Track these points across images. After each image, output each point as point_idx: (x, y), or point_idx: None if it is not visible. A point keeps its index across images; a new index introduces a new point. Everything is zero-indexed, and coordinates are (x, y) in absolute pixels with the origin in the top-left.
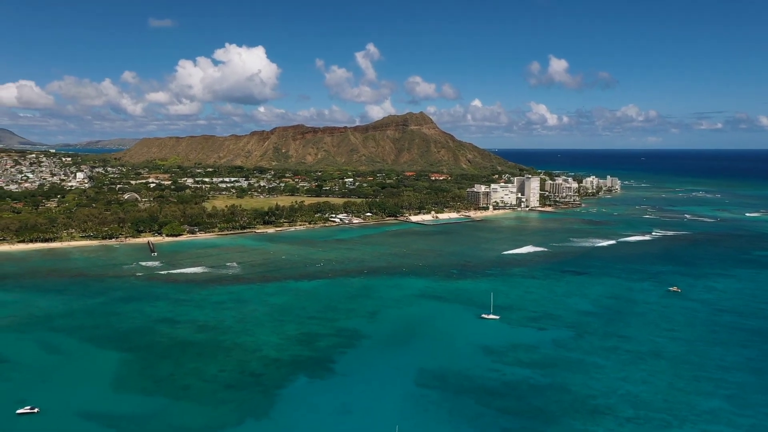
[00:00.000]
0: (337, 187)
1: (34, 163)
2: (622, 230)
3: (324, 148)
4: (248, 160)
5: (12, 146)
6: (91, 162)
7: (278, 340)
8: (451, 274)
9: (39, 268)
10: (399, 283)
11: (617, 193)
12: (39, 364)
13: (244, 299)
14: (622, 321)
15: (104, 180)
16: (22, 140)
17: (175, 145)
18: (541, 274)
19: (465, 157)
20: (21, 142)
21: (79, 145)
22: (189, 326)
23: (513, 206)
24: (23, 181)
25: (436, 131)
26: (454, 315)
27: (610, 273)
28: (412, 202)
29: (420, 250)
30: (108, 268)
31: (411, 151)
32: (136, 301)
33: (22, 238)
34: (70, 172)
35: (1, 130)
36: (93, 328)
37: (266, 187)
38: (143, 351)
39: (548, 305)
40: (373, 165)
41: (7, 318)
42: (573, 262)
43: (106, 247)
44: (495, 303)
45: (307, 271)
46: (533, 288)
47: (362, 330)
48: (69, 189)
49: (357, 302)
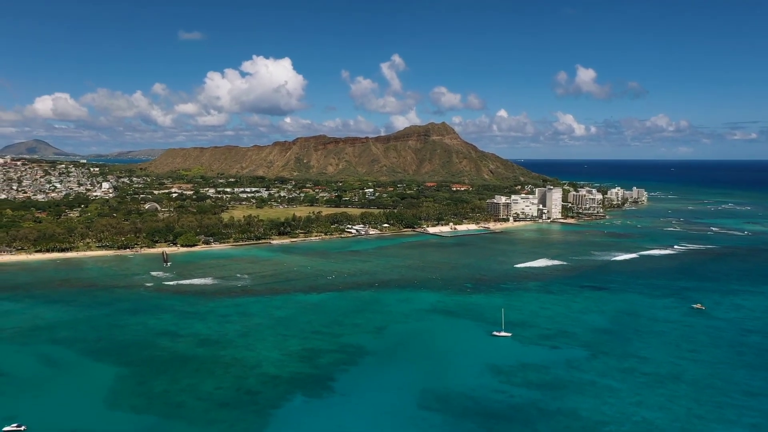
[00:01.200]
0: (356, 198)
1: (63, 173)
2: (645, 243)
3: (345, 158)
4: (270, 170)
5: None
6: (117, 172)
7: (279, 356)
8: (464, 288)
9: (51, 278)
10: (410, 297)
11: (643, 204)
12: (34, 378)
13: (249, 312)
14: (640, 340)
15: (128, 190)
16: (56, 151)
17: (199, 156)
18: (558, 288)
19: (487, 167)
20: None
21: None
22: (190, 340)
23: (534, 218)
24: (50, 191)
25: (458, 141)
26: (464, 332)
27: (630, 288)
28: (431, 213)
29: (435, 263)
30: (119, 279)
31: (432, 162)
32: (141, 313)
33: (40, 247)
34: (97, 182)
35: (37, 141)
36: (94, 340)
37: (286, 198)
38: (141, 366)
39: (563, 322)
40: (394, 175)
41: (11, 329)
42: (592, 276)
43: (120, 258)
44: (508, 319)
45: (317, 283)
46: (549, 304)
47: (367, 346)
48: (93, 199)
49: (364, 317)
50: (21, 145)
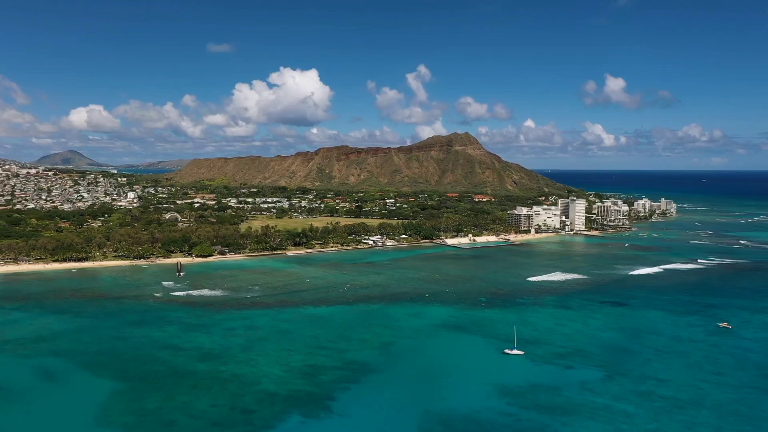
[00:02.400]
0: (377, 208)
1: (92, 183)
2: (672, 257)
3: (367, 168)
4: (292, 180)
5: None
6: (143, 182)
7: (280, 372)
8: (478, 303)
9: (64, 288)
10: (421, 312)
11: (672, 216)
12: (28, 392)
13: (256, 325)
14: (661, 361)
15: (152, 200)
16: (90, 161)
17: (223, 166)
18: (577, 304)
19: (511, 178)
20: (89, 163)
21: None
22: (192, 354)
23: (556, 229)
24: (78, 200)
25: (481, 152)
26: (475, 349)
27: (653, 305)
28: (450, 225)
29: (450, 276)
30: (130, 289)
31: (455, 172)
32: (146, 325)
33: (57, 257)
34: (123, 192)
35: (71, 152)
36: (95, 353)
37: (306, 208)
38: (137, 381)
39: (580, 340)
40: (415, 186)
41: (15, 340)
42: (614, 291)
43: (134, 268)
44: (521, 336)
45: (328, 295)
46: (566, 320)
47: (371, 363)
48: (117, 209)
49: (372, 331)
50: (56, 156)
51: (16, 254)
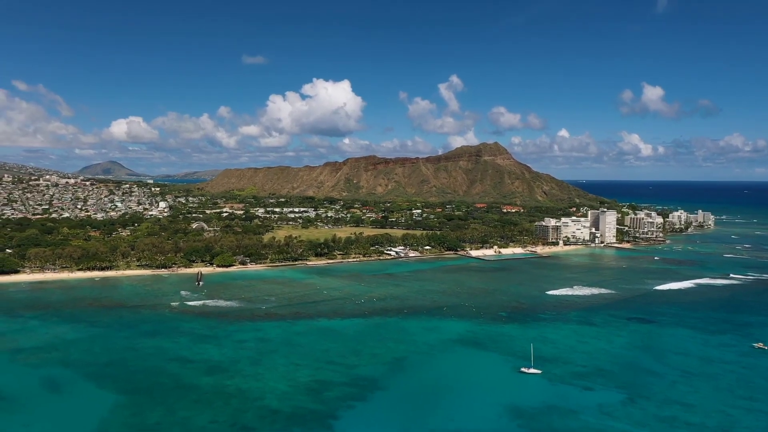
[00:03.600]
0: (403, 219)
1: (126, 192)
2: (705, 271)
3: (395, 179)
4: (320, 190)
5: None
6: (176, 192)
7: (286, 388)
8: (498, 317)
9: (84, 297)
10: (438, 326)
11: (709, 229)
12: (31, 403)
13: (267, 338)
14: (688, 384)
15: (182, 209)
16: (129, 172)
17: (252, 176)
18: (602, 320)
19: (541, 188)
20: (128, 173)
21: (178, 175)
22: (200, 367)
23: (586, 242)
24: (111, 210)
25: (510, 162)
26: (490, 367)
27: (684, 322)
28: (475, 236)
29: (471, 289)
30: (148, 299)
31: (483, 183)
32: (159, 336)
33: (82, 266)
34: (155, 201)
35: (112, 162)
36: (104, 365)
37: (332, 218)
38: (141, 394)
39: (602, 359)
40: (443, 196)
41: (29, 350)
42: (642, 307)
43: (155, 277)
44: (540, 353)
45: (344, 308)
46: (589, 337)
47: (381, 380)
48: (147, 218)
49: (385, 346)
50: (98, 167)
51: (42, 263)
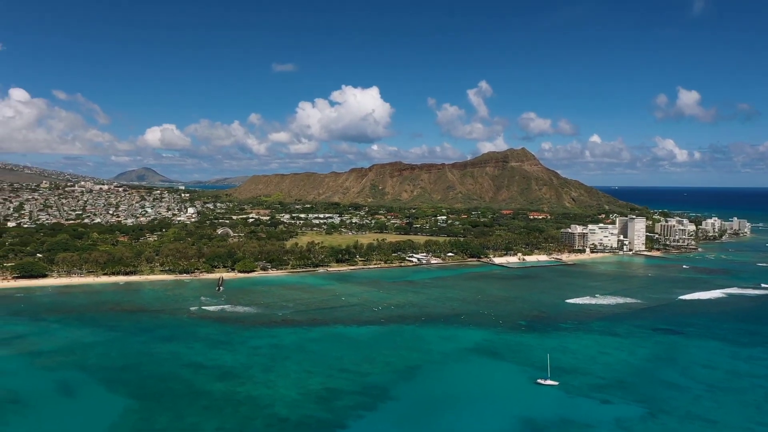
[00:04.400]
0: (428, 225)
1: (157, 198)
2: (738, 281)
3: (420, 185)
4: (345, 196)
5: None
6: (204, 198)
7: (296, 395)
8: (517, 326)
9: (106, 302)
10: (454, 334)
11: (745, 237)
12: (43, 407)
13: (282, 344)
14: (713, 398)
15: (210, 215)
16: (162, 178)
17: (279, 182)
18: (625, 331)
19: (569, 195)
20: (161, 179)
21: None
22: (213, 373)
23: (613, 249)
24: (141, 215)
25: (538, 168)
26: (505, 377)
27: (713, 334)
28: (499, 243)
29: (491, 296)
30: (168, 304)
31: (510, 189)
32: (175, 341)
33: (107, 270)
34: (184, 207)
35: (146, 169)
36: (119, 369)
37: (356, 224)
38: (152, 399)
39: (623, 371)
40: (469, 202)
41: (47, 353)
42: (669, 318)
43: (178, 282)
44: (559, 364)
45: (361, 315)
46: (610, 348)
47: (392, 389)
48: (175, 223)
49: (399, 354)
50: (132, 173)
51: (69, 267)
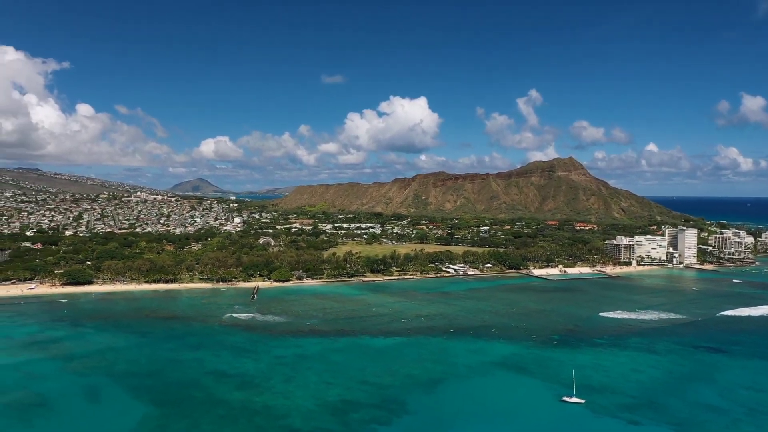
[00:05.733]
0: (469, 236)
1: (207, 208)
2: None
3: (464, 195)
4: (388, 206)
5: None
6: (251, 208)
7: (312, 406)
8: (549, 341)
9: (143, 308)
10: (483, 348)
11: None
12: (68, 413)
13: (306, 354)
14: (753, 423)
15: (255, 225)
16: (215, 189)
17: (324, 192)
18: (665, 348)
19: (618, 205)
20: (215, 190)
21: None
22: (234, 381)
23: (662, 262)
24: (189, 224)
25: (586, 177)
26: (530, 393)
27: (759, 353)
28: (540, 254)
29: (526, 309)
30: (201, 312)
31: (556, 199)
32: (203, 349)
33: (148, 278)
34: (231, 217)
35: (200, 180)
36: (145, 375)
37: (397, 234)
38: (172, 407)
39: (657, 390)
40: (513, 213)
41: (80, 358)
42: (714, 335)
43: (214, 291)
44: (589, 381)
45: (390, 326)
46: (646, 365)
47: (411, 403)
48: (221, 233)
49: (423, 367)
50: (188, 184)
51: (113, 274)
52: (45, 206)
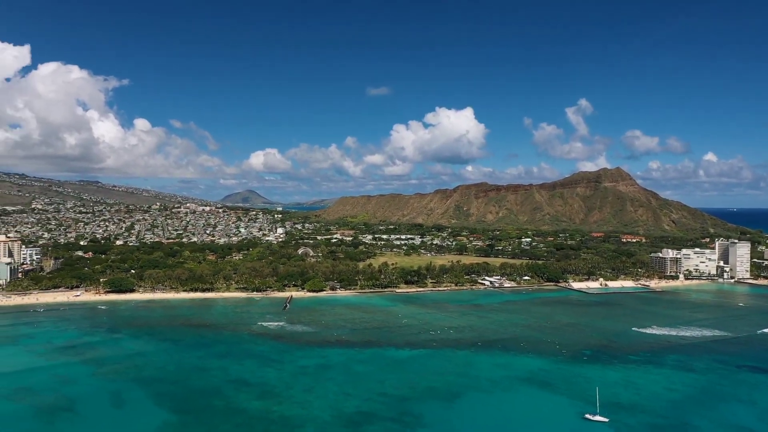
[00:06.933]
0: (510, 247)
1: (252, 219)
2: None
3: (506, 206)
4: (429, 218)
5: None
6: (295, 219)
7: (328, 418)
8: (579, 356)
9: (178, 317)
10: (509, 362)
11: None
12: (92, 418)
13: (329, 365)
14: None
15: (297, 235)
16: (264, 200)
17: (365, 203)
18: (704, 366)
19: (668, 217)
20: (264, 201)
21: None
22: (254, 391)
23: (712, 276)
24: (234, 235)
25: (634, 188)
26: (551, 410)
27: None
28: (580, 267)
29: (560, 323)
30: (233, 321)
31: (603, 210)
32: (229, 358)
33: (187, 287)
34: (275, 227)
35: (250, 191)
36: (171, 383)
37: (436, 245)
38: (191, 414)
39: (690, 411)
40: (557, 224)
41: (112, 364)
42: (759, 354)
43: (248, 300)
44: (617, 399)
45: (417, 338)
46: (681, 384)
47: (427, 416)
48: (263, 243)
49: (444, 380)
50: (237, 195)
51: (154, 283)
52: (100, 217)
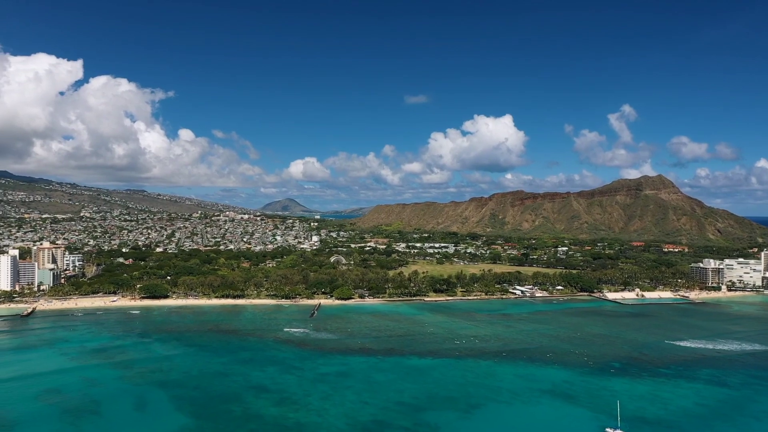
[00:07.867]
0: (545, 256)
1: (288, 227)
2: None
3: (543, 214)
4: (464, 226)
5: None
6: (330, 227)
7: (343, 426)
8: (607, 368)
9: (207, 322)
10: (533, 373)
11: None
12: (113, 420)
13: (350, 373)
14: None
15: (331, 243)
16: (303, 208)
17: (400, 212)
18: (739, 381)
19: (713, 226)
20: (303, 210)
21: (346, 211)
22: (273, 397)
23: (758, 288)
24: (270, 243)
25: (677, 196)
26: (572, 423)
27: None
28: (616, 277)
29: (590, 335)
30: (260, 327)
31: (643, 219)
32: (251, 364)
33: (218, 294)
34: (310, 235)
35: (289, 199)
36: (193, 388)
37: (470, 254)
38: (208, 419)
39: (718, 428)
40: (595, 233)
41: (139, 368)
42: None
43: (277, 307)
44: (642, 413)
45: (440, 347)
46: (712, 399)
47: (443, 427)
48: (296, 250)
49: (464, 390)
50: (277, 204)
51: (187, 289)
52: (144, 225)
